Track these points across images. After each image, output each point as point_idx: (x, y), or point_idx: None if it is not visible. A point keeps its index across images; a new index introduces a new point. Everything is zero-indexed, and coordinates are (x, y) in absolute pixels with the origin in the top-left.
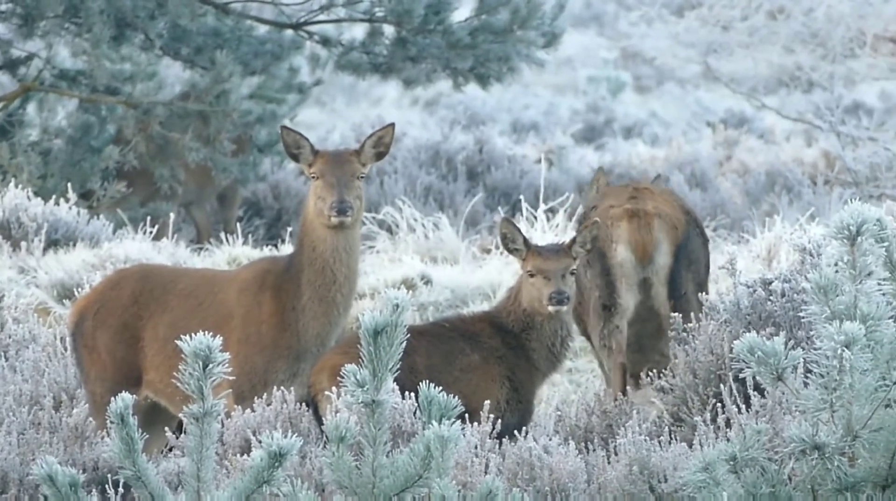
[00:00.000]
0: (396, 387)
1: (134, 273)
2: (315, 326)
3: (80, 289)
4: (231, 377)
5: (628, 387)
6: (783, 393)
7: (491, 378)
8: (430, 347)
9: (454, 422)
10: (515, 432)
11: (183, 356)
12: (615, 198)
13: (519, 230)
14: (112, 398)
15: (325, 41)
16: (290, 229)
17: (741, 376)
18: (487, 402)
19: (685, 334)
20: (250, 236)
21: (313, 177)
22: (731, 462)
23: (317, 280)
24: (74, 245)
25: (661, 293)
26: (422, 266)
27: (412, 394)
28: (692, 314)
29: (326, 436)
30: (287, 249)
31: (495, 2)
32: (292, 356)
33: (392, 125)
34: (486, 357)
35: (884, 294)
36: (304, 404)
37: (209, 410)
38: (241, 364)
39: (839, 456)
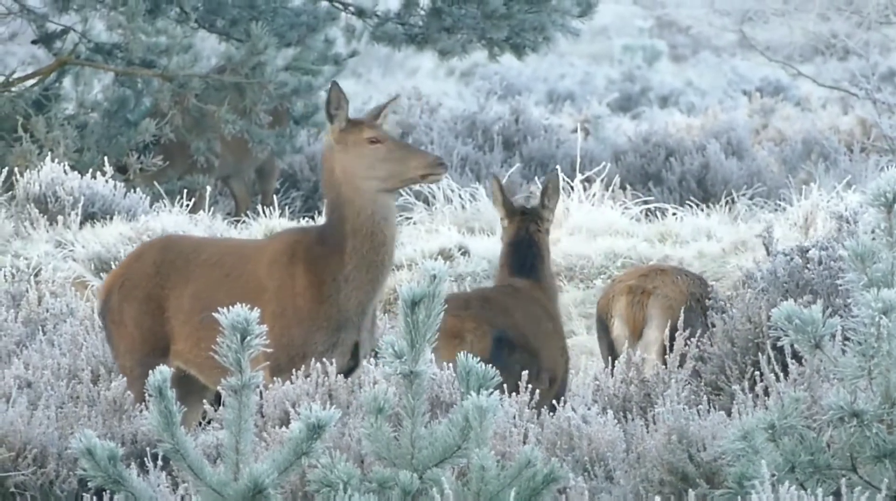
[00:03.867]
0: (433, 357)
1: (156, 244)
2: (358, 295)
3: (116, 262)
4: (269, 350)
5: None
6: (821, 361)
7: (559, 348)
8: (525, 308)
9: (492, 392)
10: (553, 402)
11: (218, 327)
12: (627, 274)
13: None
14: (143, 370)
15: (361, 12)
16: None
17: (779, 344)
18: (525, 372)
19: (723, 302)
20: (287, 208)
21: (373, 142)
22: (770, 431)
23: (364, 246)
24: (111, 219)
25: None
26: (459, 237)
27: (515, 351)
28: None
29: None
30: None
31: None
32: (332, 327)
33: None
34: (556, 326)
35: None
36: (343, 375)
37: (247, 382)
38: (277, 337)
39: (878, 424)
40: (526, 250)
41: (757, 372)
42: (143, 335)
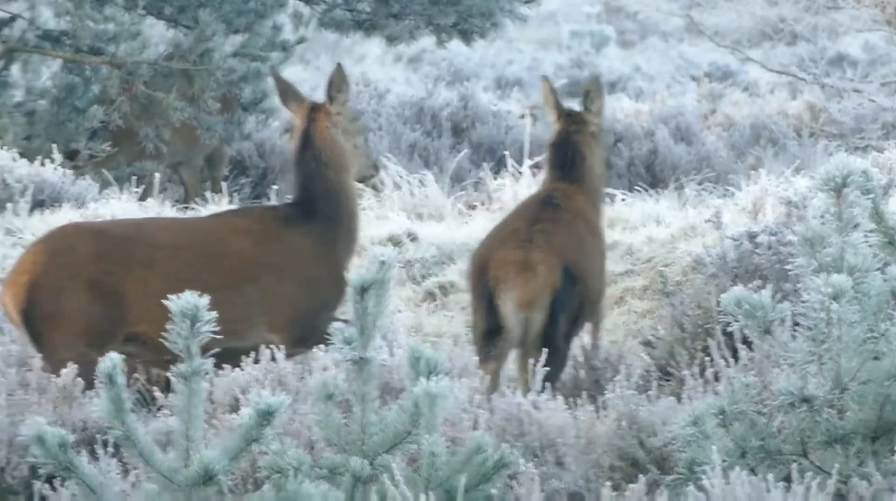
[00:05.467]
0: (384, 344)
1: (78, 231)
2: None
3: None
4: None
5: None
6: (771, 346)
7: (600, 269)
8: (571, 231)
9: (442, 378)
10: (504, 388)
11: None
12: None
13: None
14: (87, 359)
15: None
16: (275, 187)
17: (729, 329)
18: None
19: (673, 288)
20: (236, 194)
21: (359, 133)
22: (720, 416)
23: (354, 227)
24: (61, 206)
25: None
26: (408, 223)
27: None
28: None
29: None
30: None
31: None
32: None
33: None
34: (597, 242)
35: (870, 246)
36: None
37: (197, 369)
38: (304, 311)
39: (828, 409)
40: (565, 150)
41: (707, 358)
42: (89, 322)
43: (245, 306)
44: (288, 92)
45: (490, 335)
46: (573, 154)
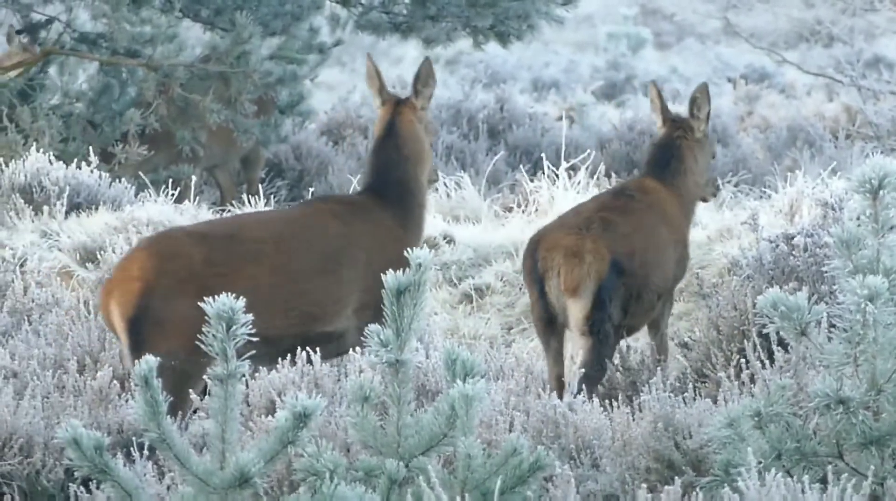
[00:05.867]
0: (420, 346)
1: (185, 236)
2: None
3: (102, 252)
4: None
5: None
6: (807, 348)
7: (673, 259)
8: (640, 220)
9: (478, 381)
10: (540, 390)
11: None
12: None
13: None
14: (192, 366)
15: (345, 1)
16: (311, 189)
17: (765, 331)
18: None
19: (709, 290)
20: (272, 196)
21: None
22: (756, 418)
23: (423, 221)
24: (96, 208)
25: None
26: (444, 225)
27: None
28: None
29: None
30: None
31: None
32: None
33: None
34: (674, 233)
35: None
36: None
37: (233, 371)
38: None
39: (863, 411)
40: (665, 151)
41: (743, 360)
42: (199, 328)
43: (340, 288)
44: (382, 83)
45: (546, 319)
46: (671, 157)
